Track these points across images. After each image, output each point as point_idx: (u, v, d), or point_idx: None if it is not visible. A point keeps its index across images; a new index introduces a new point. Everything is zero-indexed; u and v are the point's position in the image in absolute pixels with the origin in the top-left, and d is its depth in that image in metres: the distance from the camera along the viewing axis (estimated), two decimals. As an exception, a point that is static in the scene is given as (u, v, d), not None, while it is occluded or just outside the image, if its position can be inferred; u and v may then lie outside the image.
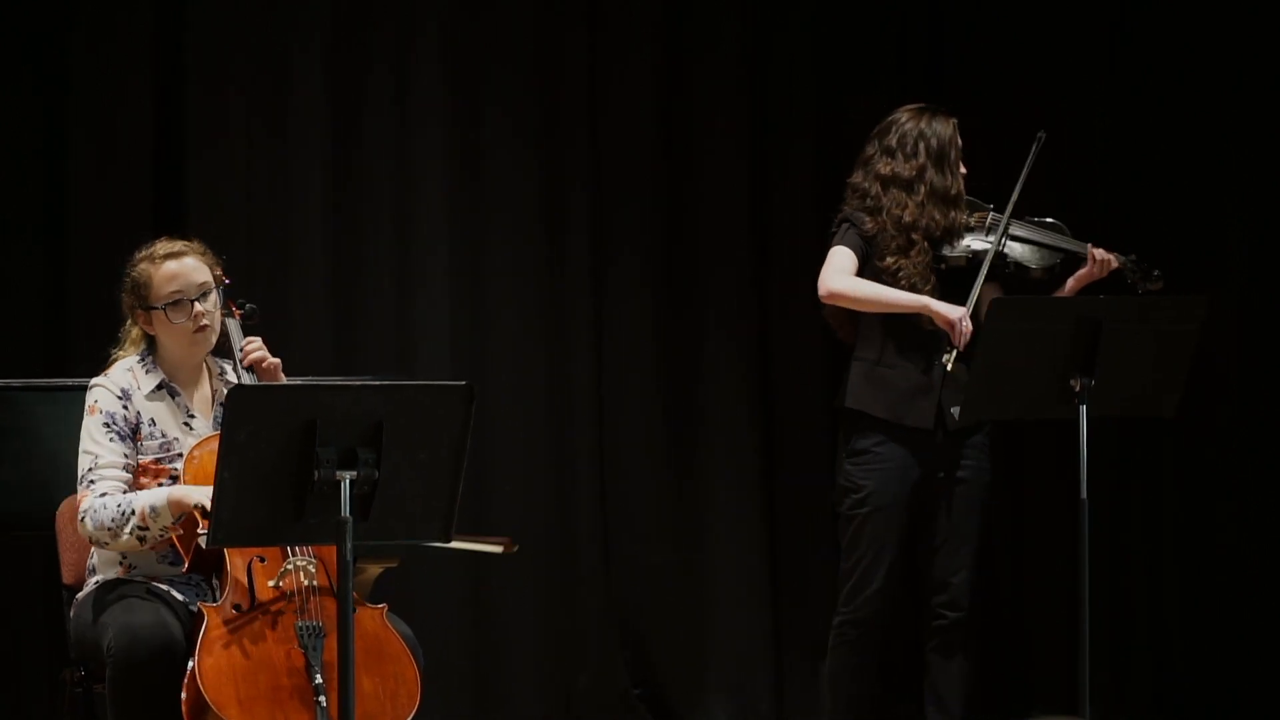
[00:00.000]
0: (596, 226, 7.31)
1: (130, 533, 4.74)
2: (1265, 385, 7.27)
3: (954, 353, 5.70)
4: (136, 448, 4.89)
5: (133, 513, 4.74)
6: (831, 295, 5.80)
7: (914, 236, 5.78)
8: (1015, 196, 5.81)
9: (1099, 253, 5.81)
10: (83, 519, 4.81)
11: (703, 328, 7.36)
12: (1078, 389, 5.38)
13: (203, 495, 4.63)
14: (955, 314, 5.70)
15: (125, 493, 4.81)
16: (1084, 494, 5.42)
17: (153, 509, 4.72)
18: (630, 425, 7.32)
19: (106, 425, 4.87)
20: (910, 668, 6.01)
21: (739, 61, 7.39)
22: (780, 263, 7.37)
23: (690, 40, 7.38)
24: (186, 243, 5.02)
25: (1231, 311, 7.17)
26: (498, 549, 5.74)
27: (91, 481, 4.83)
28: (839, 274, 5.79)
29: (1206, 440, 7.28)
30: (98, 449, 4.86)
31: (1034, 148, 5.82)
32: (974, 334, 5.61)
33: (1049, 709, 7.18)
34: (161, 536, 4.76)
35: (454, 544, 5.45)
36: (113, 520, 4.76)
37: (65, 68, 6.81)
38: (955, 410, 5.67)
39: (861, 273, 5.82)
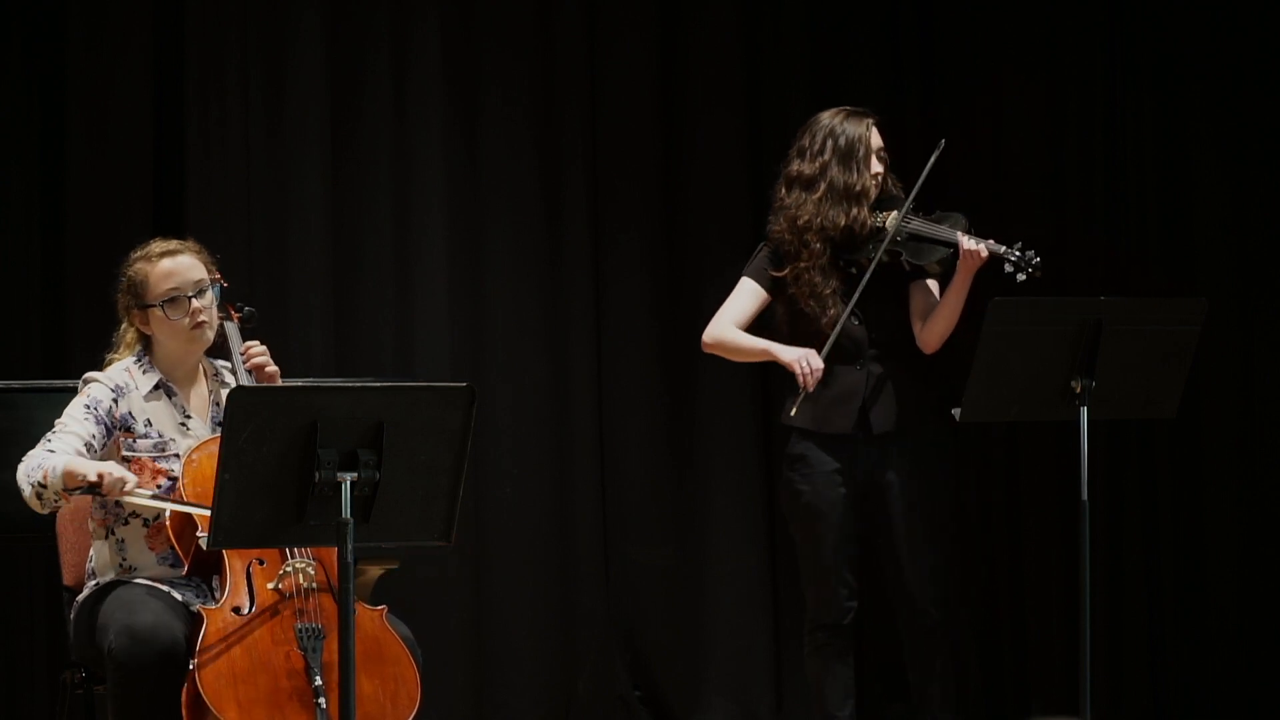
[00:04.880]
0: (595, 211, 7.32)
1: (33, 485, 4.73)
2: (1262, 386, 7.27)
3: (800, 396, 5.65)
4: (120, 443, 4.89)
5: (40, 467, 4.73)
6: (708, 347, 5.85)
7: (807, 237, 5.70)
8: (909, 202, 5.71)
9: (967, 243, 5.63)
10: (20, 465, 4.79)
11: (701, 312, 7.33)
12: (1078, 390, 5.37)
13: (96, 468, 4.64)
14: (792, 356, 5.65)
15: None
16: (1085, 495, 5.40)
17: (54, 469, 4.70)
18: (630, 416, 7.32)
19: (88, 407, 4.89)
20: (901, 668, 5.99)
21: (737, 44, 7.39)
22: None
23: (688, 23, 7.39)
24: (181, 241, 5.03)
25: (1230, 312, 7.17)
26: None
27: (48, 439, 4.83)
28: (719, 321, 5.80)
29: (1203, 440, 7.28)
30: (69, 420, 4.87)
31: (934, 154, 5.71)
32: (977, 335, 5.55)
33: (1049, 709, 7.17)
34: (55, 502, 4.73)
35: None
36: (29, 471, 4.75)
37: (63, 66, 6.81)
38: (956, 411, 5.64)
39: (778, 293, 5.79)
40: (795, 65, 7.43)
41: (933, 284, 5.80)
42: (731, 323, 5.81)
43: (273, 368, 5.05)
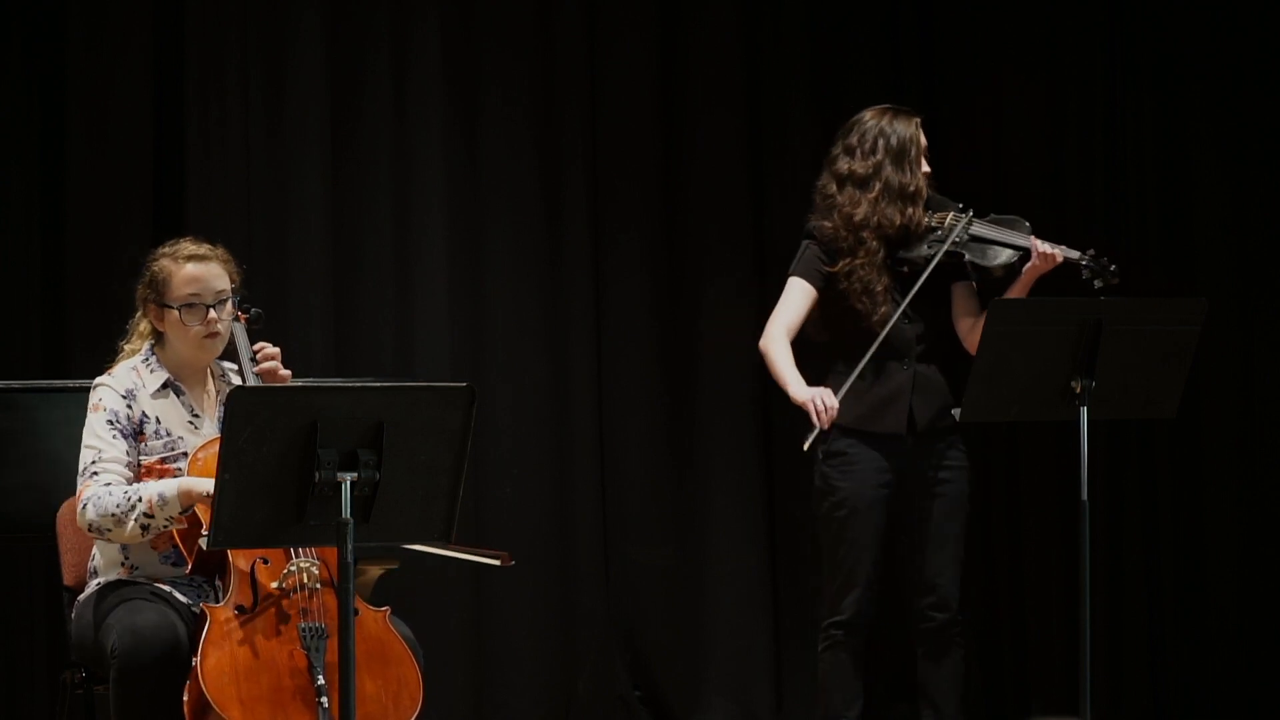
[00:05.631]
0: (595, 211, 7.31)
1: (135, 520, 4.71)
2: (1262, 386, 7.27)
3: (815, 432, 5.66)
4: (139, 448, 4.88)
5: (139, 500, 4.71)
6: (761, 351, 5.82)
7: (863, 235, 5.73)
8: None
9: (1043, 247, 5.71)
10: (84, 507, 4.76)
11: (701, 312, 7.35)
12: (1078, 390, 5.37)
13: (212, 486, 4.62)
14: (806, 395, 5.66)
15: (130, 484, 4.80)
16: (1084, 495, 5.40)
17: (161, 497, 4.69)
18: (630, 416, 7.32)
19: (110, 423, 4.86)
20: (906, 668, 6.00)
21: (737, 44, 7.39)
22: (781, 247, 7.35)
23: (688, 23, 7.39)
24: (212, 248, 4.99)
25: (1230, 312, 7.17)
26: (495, 562, 5.73)
27: (95, 473, 4.80)
28: (773, 329, 5.78)
29: (1204, 440, 7.28)
30: (101, 444, 4.84)
31: (962, 221, 5.74)
32: (980, 339, 5.54)
33: (1049, 709, 7.17)
34: (165, 527, 4.74)
35: (451, 552, 5.46)
36: (118, 507, 4.72)
37: (63, 66, 6.81)
38: (956, 411, 5.65)
39: (825, 290, 5.80)
40: (795, 65, 7.43)
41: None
42: (785, 327, 5.80)
43: (284, 372, 5.04)
